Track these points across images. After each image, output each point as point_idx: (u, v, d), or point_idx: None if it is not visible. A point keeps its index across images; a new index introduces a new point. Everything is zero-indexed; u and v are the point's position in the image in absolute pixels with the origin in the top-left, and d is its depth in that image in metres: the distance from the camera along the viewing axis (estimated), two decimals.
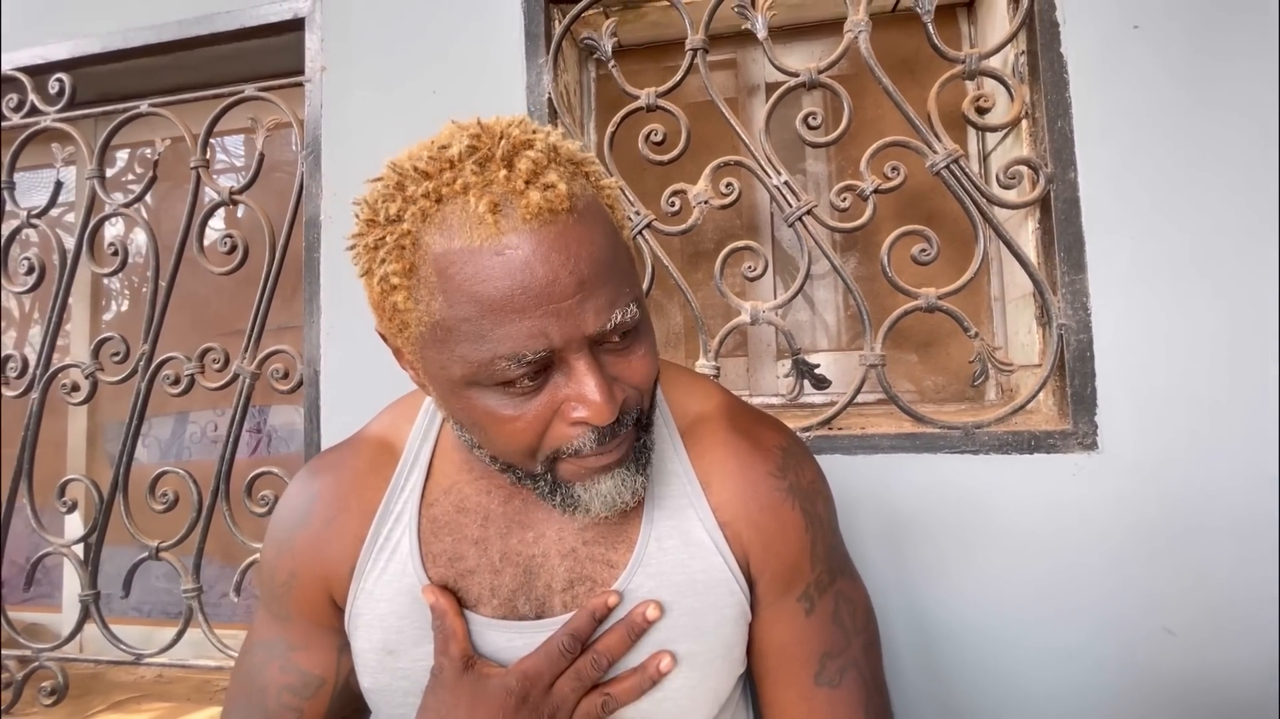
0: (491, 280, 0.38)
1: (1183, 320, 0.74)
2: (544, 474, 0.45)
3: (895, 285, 0.81)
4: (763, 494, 0.53)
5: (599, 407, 0.40)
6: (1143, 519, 0.73)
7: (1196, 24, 0.75)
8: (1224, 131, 0.74)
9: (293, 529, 0.55)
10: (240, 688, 0.56)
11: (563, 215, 0.39)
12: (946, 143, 0.79)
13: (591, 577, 0.51)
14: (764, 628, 0.53)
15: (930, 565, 0.77)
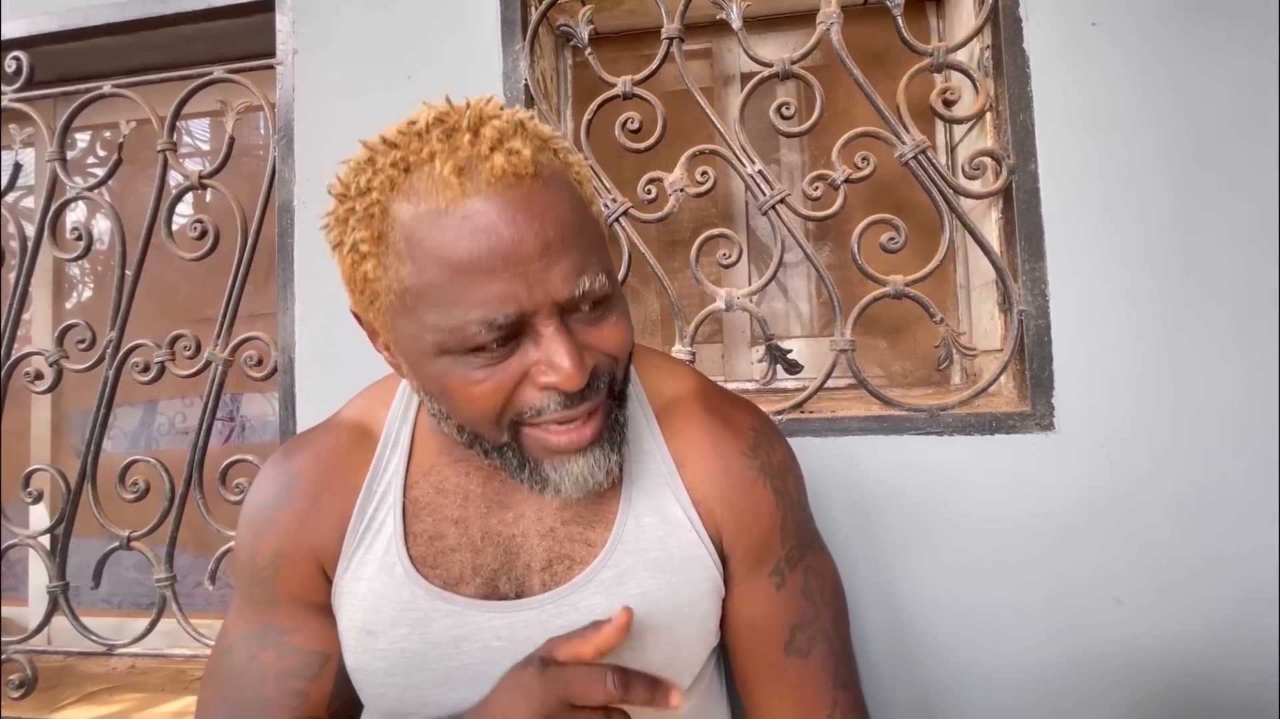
0: (458, 242, 0.39)
1: (1135, 307, 0.77)
2: (509, 444, 0.45)
3: (864, 273, 0.83)
4: (735, 473, 0.55)
5: (568, 373, 0.41)
6: (1094, 495, 0.76)
7: (1153, 22, 0.78)
8: (1177, 127, 0.77)
9: (274, 508, 0.55)
10: (220, 689, 0.54)
11: (527, 180, 0.40)
12: (914, 134, 0.81)
13: (570, 555, 0.52)
14: (737, 602, 0.56)
15: (897, 541, 0.80)
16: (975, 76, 0.84)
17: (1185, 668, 0.75)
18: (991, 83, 0.84)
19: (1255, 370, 0.75)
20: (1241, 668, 0.74)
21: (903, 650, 0.79)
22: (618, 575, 0.51)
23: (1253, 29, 0.76)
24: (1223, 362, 0.75)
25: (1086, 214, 0.79)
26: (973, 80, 0.84)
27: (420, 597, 0.51)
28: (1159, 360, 0.76)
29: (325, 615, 0.55)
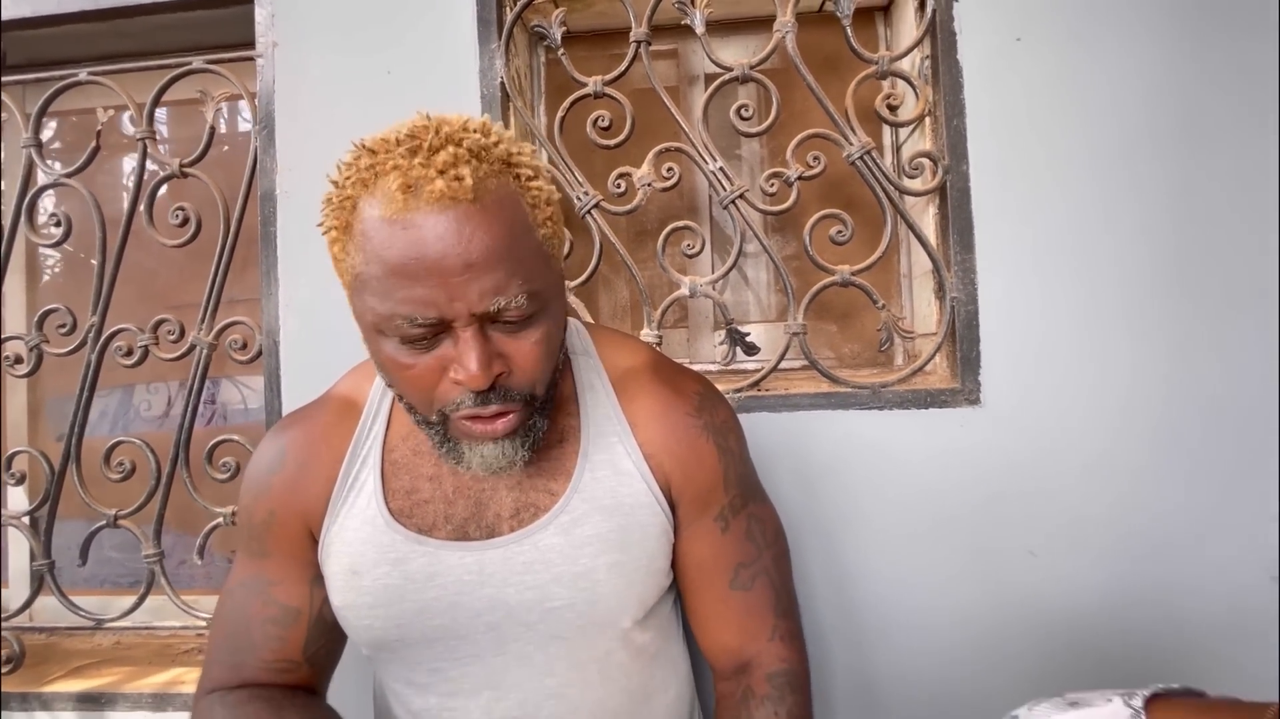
0: (394, 248, 0.46)
1: (1051, 296, 0.87)
2: (438, 424, 0.53)
3: (815, 263, 0.91)
4: (681, 431, 0.62)
5: (472, 374, 0.48)
6: (1014, 461, 0.86)
7: (1070, 39, 0.87)
8: (1090, 132, 0.87)
9: (269, 474, 0.62)
10: (223, 627, 0.63)
11: (463, 204, 0.46)
12: (860, 136, 0.89)
13: (535, 504, 0.59)
14: (686, 544, 0.63)
15: (841, 506, 0.89)
16: (916, 84, 0.92)
17: (1088, 610, 0.86)
18: (930, 89, 0.92)
19: (1150, 350, 0.85)
20: (1136, 609, 0.85)
21: (845, 601, 0.89)
22: (574, 519, 0.58)
23: (1154, 46, 0.86)
24: (1124, 343, 0.86)
25: (1012, 211, 0.88)
26: (914, 87, 0.92)
27: (399, 541, 0.58)
28: (1071, 342, 0.86)
29: (304, 572, 0.62)
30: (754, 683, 0.63)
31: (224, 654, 0.62)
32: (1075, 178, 0.87)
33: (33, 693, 1.02)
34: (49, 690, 1.02)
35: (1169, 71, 0.86)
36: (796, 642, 0.66)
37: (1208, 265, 0.85)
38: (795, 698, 0.63)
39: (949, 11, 0.88)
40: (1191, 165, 0.85)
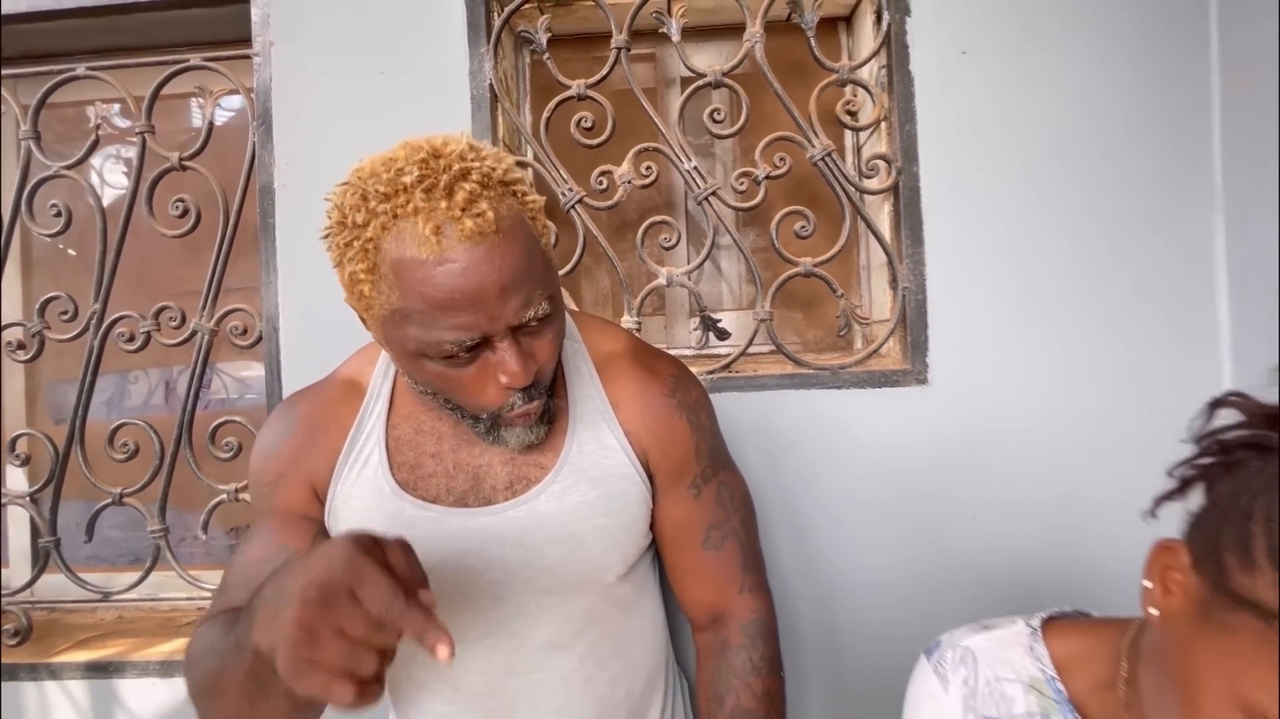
0: (435, 285, 0.52)
1: (992, 285, 0.96)
2: (487, 420, 0.61)
3: (781, 255, 1.00)
4: (658, 410, 0.70)
5: (517, 375, 0.55)
6: (958, 434, 0.96)
7: (1012, 52, 0.96)
8: (1028, 138, 0.96)
9: (279, 440, 0.68)
10: (228, 575, 0.67)
11: (490, 236, 0.52)
12: (822, 139, 0.98)
13: (527, 476, 0.67)
14: (663, 510, 0.71)
15: (804, 476, 0.98)
16: (873, 91, 1.01)
17: (1023, 567, 0.96)
18: (886, 97, 1.01)
19: (1080, 335, 0.95)
20: (1066, 566, 0.95)
21: (805, 561, 0.98)
22: (564, 488, 0.66)
23: (1085, 60, 0.95)
24: (1057, 328, 0.96)
25: (957, 209, 0.97)
26: (871, 94, 1.01)
27: (407, 509, 0.65)
28: (1010, 327, 0.96)
29: (306, 524, 0.68)
30: (729, 634, 0.72)
31: (224, 593, 0.65)
32: (1014, 179, 0.96)
33: (41, 663, 1.07)
34: (57, 661, 1.07)
35: (1098, 83, 0.95)
36: (764, 594, 0.74)
37: (1128, 258, 0.95)
38: (766, 644, 0.72)
39: (902, 26, 0.97)
40: (1115, 168, 0.95)
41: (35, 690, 1.08)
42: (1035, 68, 0.96)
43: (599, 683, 0.69)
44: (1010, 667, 0.55)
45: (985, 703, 0.55)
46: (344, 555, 0.42)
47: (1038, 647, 0.55)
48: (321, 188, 1.01)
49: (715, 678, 0.71)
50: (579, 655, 0.68)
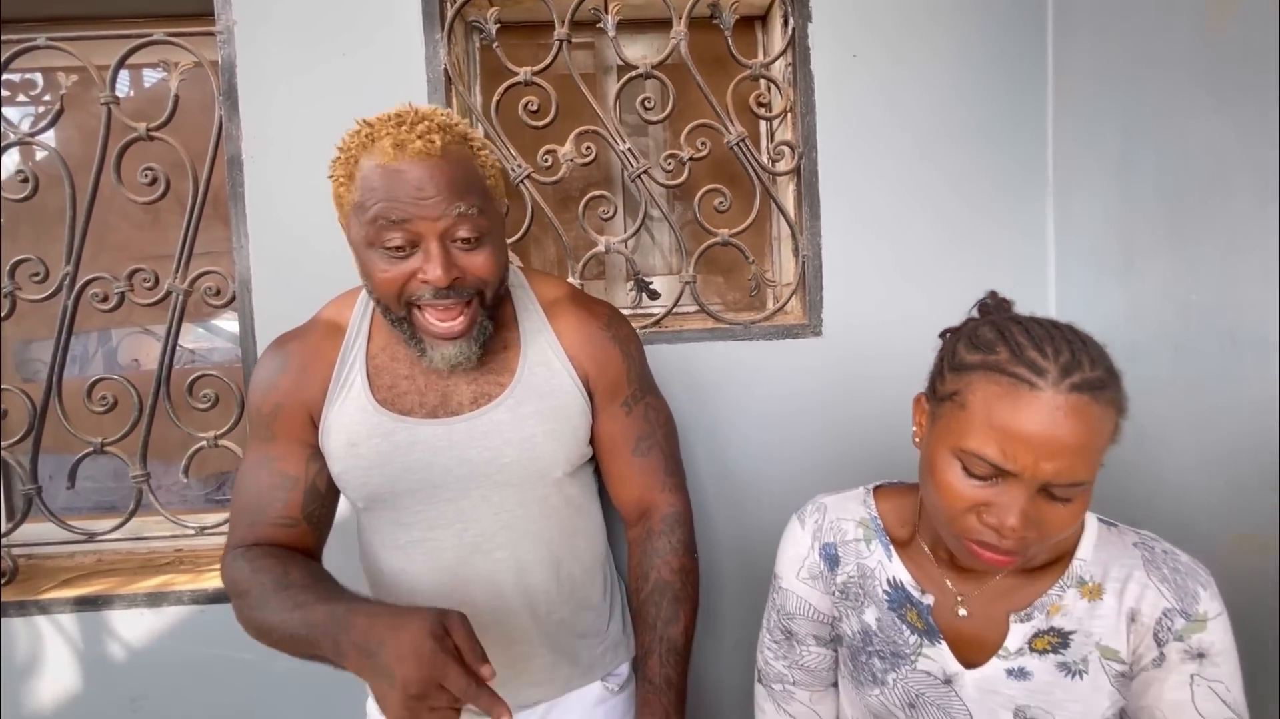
0: (387, 184, 0.69)
1: (875, 253, 1.16)
2: (404, 318, 0.75)
3: (703, 226, 1.17)
4: (595, 339, 0.86)
5: (436, 274, 0.70)
6: (846, 375, 1.17)
7: (892, 59, 1.15)
8: (903, 131, 1.15)
9: (275, 375, 0.81)
10: (240, 498, 0.81)
11: (434, 158, 0.69)
12: (737, 126, 1.14)
13: (488, 393, 0.82)
14: (601, 424, 0.88)
15: (723, 414, 1.17)
16: (781, 86, 1.17)
17: (897, 475, 1.18)
18: (791, 91, 1.18)
19: (944, 294, 1.16)
20: None
21: (722, 477, 1.18)
22: (519, 401, 0.81)
23: (953, 65, 1.14)
24: (925, 289, 1.16)
25: (848, 189, 1.16)
26: (779, 88, 1.18)
27: (386, 420, 0.79)
28: (887, 287, 1.16)
29: (302, 450, 0.81)
30: (653, 524, 0.89)
31: (242, 517, 0.80)
32: (893, 164, 1.16)
33: (30, 600, 1.16)
34: (46, 597, 1.16)
35: (957, 87, 1.15)
36: (681, 493, 0.92)
37: (981, 231, 1.16)
38: (683, 531, 0.90)
39: (805, 30, 1.14)
40: (970, 158, 1.16)
41: (25, 626, 1.17)
42: (910, 72, 1.15)
43: (548, 563, 0.86)
44: (848, 511, 0.77)
45: (826, 534, 0.77)
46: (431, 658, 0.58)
47: (869, 500, 0.78)
48: (287, 160, 1.13)
49: (642, 559, 0.89)
50: (533, 538, 0.84)
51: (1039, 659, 0.65)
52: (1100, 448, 0.56)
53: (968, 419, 0.58)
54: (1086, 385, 0.54)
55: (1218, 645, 0.61)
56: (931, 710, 0.70)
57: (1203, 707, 0.60)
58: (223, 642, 1.16)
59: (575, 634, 0.90)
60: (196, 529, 1.21)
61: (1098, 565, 0.65)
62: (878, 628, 0.73)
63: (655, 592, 0.86)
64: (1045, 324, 0.60)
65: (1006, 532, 0.56)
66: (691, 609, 0.88)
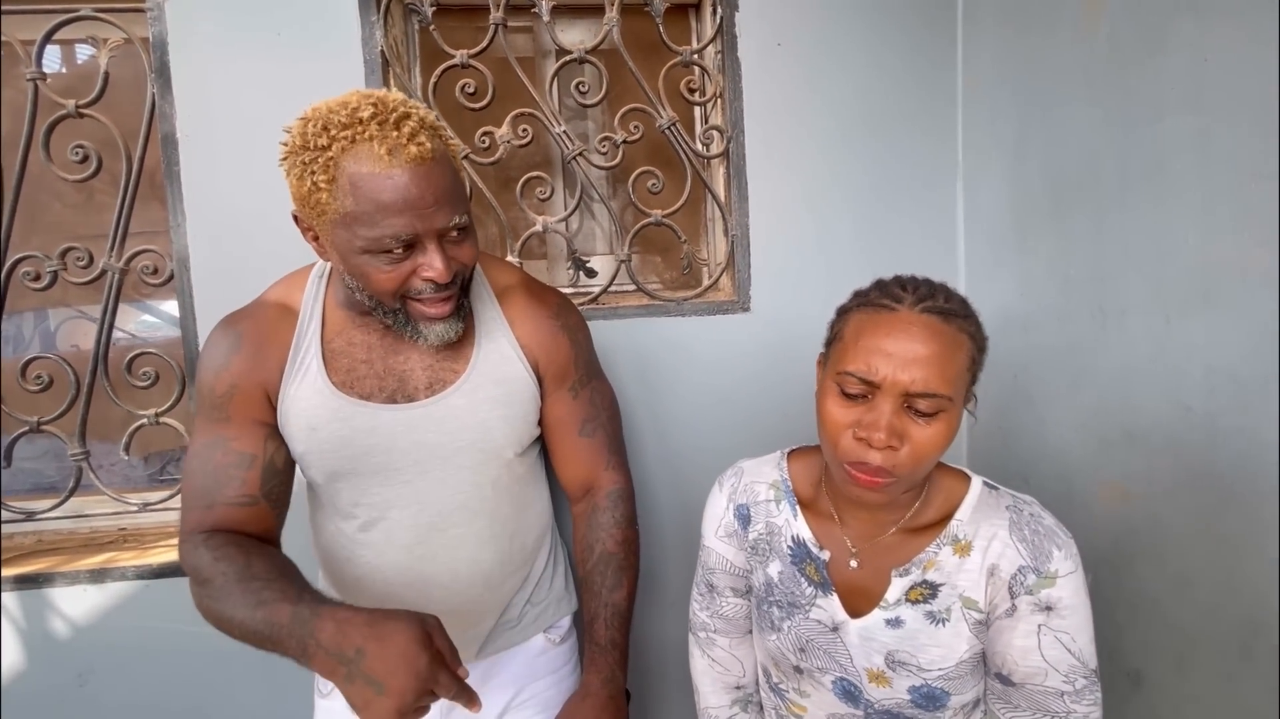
0: (384, 193, 0.69)
1: (798, 232, 1.23)
2: (400, 309, 0.77)
3: (638, 208, 1.22)
4: (544, 328, 0.91)
5: (440, 271, 0.73)
6: (772, 348, 1.24)
7: (815, 46, 1.21)
8: (824, 117, 1.22)
9: (228, 356, 0.81)
10: (194, 480, 0.80)
11: (428, 161, 0.70)
12: (668, 111, 1.19)
13: (444, 379, 0.85)
14: (549, 407, 0.93)
15: (660, 387, 1.23)
16: (711, 72, 1.23)
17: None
18: (721, 77, 1.23)
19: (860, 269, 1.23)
20: None
21: (663, 448, 1.25)
22: (474, 387, 0.85)
23: (873, 54, 1.21)
24: (845, 265, 1.24)
25: (774, 172, 1.22)
26: (708, 75, 1.23)
27: (345, 404, 0.82)
28: (811, 264, 1.24)
29: (260, 430, 0.82)
30: (597, 500, 0.95)
31: (198, 499, 0.79)
32: (815, 149, 1.23)
33: None
34: None
35: (873, 77, 1.22)
36: (624, 470, 0.98)
37: (896, 212, 1.25)
38: (625, 505, 0.95)
39: (732, 19, 1.19)
40: (885, 143, 1.23)
41: None
42: (832, 62, 1.22)
43: (501, 538, 0.91)
44: (763, 474, 0.84)
45: (740, 495, 0.84)
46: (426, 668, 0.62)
47: (782, 463, 0.85)
48: (224, 139, 1.14)
49: (587, 533, 0.95)
50: (487, 515, 0.89)
51: (911, 608, 0.73)
52: (955, 367, 0.63)
53: (843, 348, 0.67)
54: (937, 310, 0.64)
55: (1066, 600, 0.66)
56: (819, 654, 0.77)
57: (1048, 653, 0.67)
58: (171, 615, 1.18)
59: (523, 600, 0.95)
60: (139, 506, 1.22)
61: (972, 525, 0.72)
62: (779, 580, 0.80)
63: (600, 563, 0.92)
64: (916, 277, 0.69)
65: (875, 441, 0.63)
66: (633, 576, 0.94)
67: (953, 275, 1.26)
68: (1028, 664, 0.68)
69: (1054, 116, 1.00)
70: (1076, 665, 0.67)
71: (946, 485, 0.75)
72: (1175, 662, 0.84)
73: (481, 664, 0.94)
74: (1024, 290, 1.09)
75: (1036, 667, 0.67)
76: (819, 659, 0.77)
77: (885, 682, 0.73)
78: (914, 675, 0.72)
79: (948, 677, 0.71)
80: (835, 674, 0.76)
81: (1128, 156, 0.86)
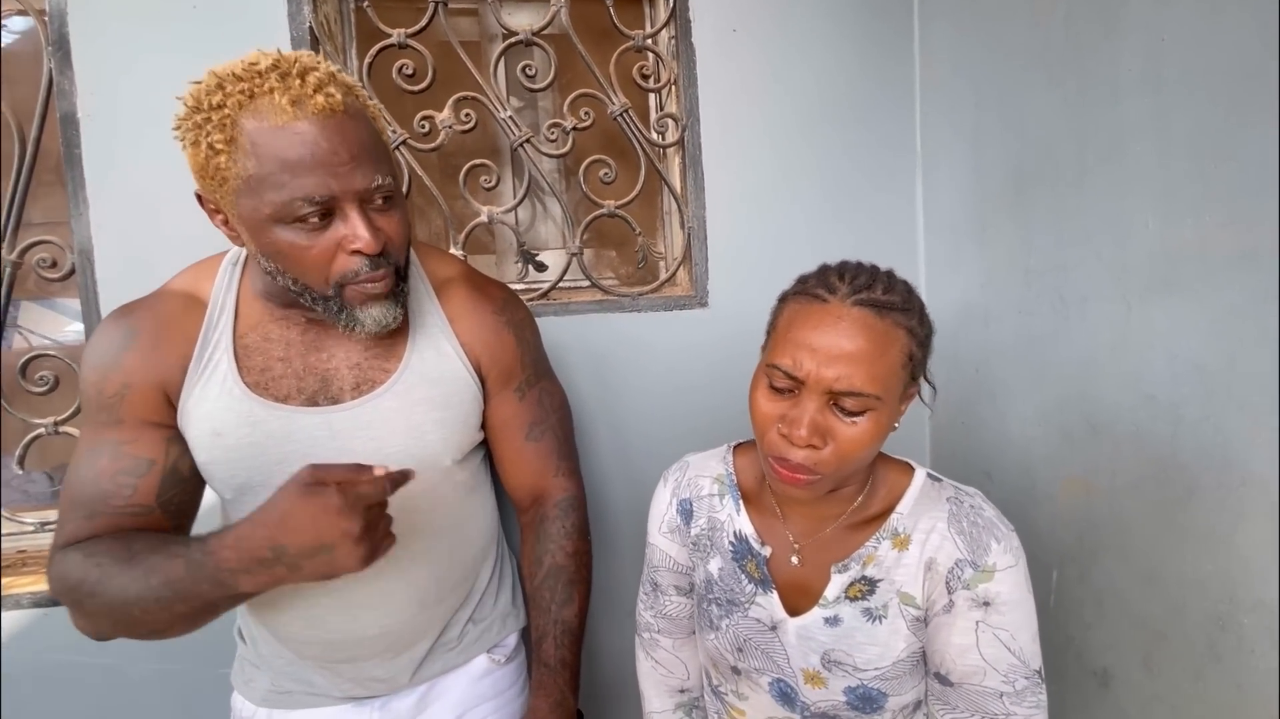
0: (291, 148, 0.61)
1: (757, 223, 1.19)
2: (334, 297, 0.69)
3: (589, 198, 1.16)
4: (488, 325, 0.83)
5: (367, 240, 0.65)
6: (728, 344, 1.19)
7: (770, 34, 1.17)
8: (782, 105, 1.18)
9: (118, 353, 0.71)
10: (73, 490, 0.70)
11: (339, 113, 0.63)
12: (620, 97, 1.14)
13: (373, 379, 0.77)
14: (493, 409, 0.85)
15: (615, 386, 1.17)
16: (664, 58, 1.18)
17: None
18: (675, 63, 1.18)
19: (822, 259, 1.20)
20: None
21: (618, 449, 1.19)
22: (407, 388, 0.77)
23: (833, 42, 1.18)
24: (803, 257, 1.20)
25: (731, 161, 1.18)
26: (661, 60, 1.18)
27: (257, 407, 0.73)
28: (771, 257, 1.19)
29: (159, 432, 0.73)
30: (545, 509, 0.88)
31: (77, 510, 0.70)
32: (773, 137, 1.19)
33: None
34: None
35: (832, 65, 1.19)
36: (575, 477, 0.91)
37: (857, 201, 1.21)
38: (575, 514, 0.89)
39: (685, 3, 1.14)
40: (845, 132, 1.20)
41: None
42: (789, 48, 1.18)
43: (438, 554, 0.83)
44: (707, 468, 0.80)
45: (684, 490, 0.80)
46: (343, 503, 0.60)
47: (728, 457, 0.80)
48: (130, 120, 1.04)
49: (535, 545, 0.88)
50: (421, 529, 0.80)
51: (850, 606, 0.69)
52: (885, 365, 0.59)
53: (774, 340, 0.64)
54: (871, 303, 0.59)
55: (1005, 596, 0.63)
56: (756, 654, 0.73)
57: (986, 651, 0.63)
58: (73, 647, 1.06)
59: (464, 618, 0.88)
60: (36, 525, 1.10)
61: (912, 518, 0.68)
62: (719, 577, 0.76)
63: (550, 576, 0.86)
64: (861, 264, 0.65)
65: (796, 438, 0.59)
66: (585, 590, 0.88)
67: (913, 267, 1.23)
68: (965, 663, 0.64)
69: (1012, 103, 0.98)
70: (1016, 664, 0.63)
71: (890, 478, 0.72)
72: (1143, 660, 0.81)
73: (418, 689, 0.86)
74: (985, 282, 1.07)
75: (974, 665, 0.64)
76: (756, 659, 0.73)
77: (821, 682, 0.69)
78: (849, 676, 0.68)
79: (884, 677, 0.67)
80: (772, 675, 0.72)
81: (1086, 141, 0.84)
